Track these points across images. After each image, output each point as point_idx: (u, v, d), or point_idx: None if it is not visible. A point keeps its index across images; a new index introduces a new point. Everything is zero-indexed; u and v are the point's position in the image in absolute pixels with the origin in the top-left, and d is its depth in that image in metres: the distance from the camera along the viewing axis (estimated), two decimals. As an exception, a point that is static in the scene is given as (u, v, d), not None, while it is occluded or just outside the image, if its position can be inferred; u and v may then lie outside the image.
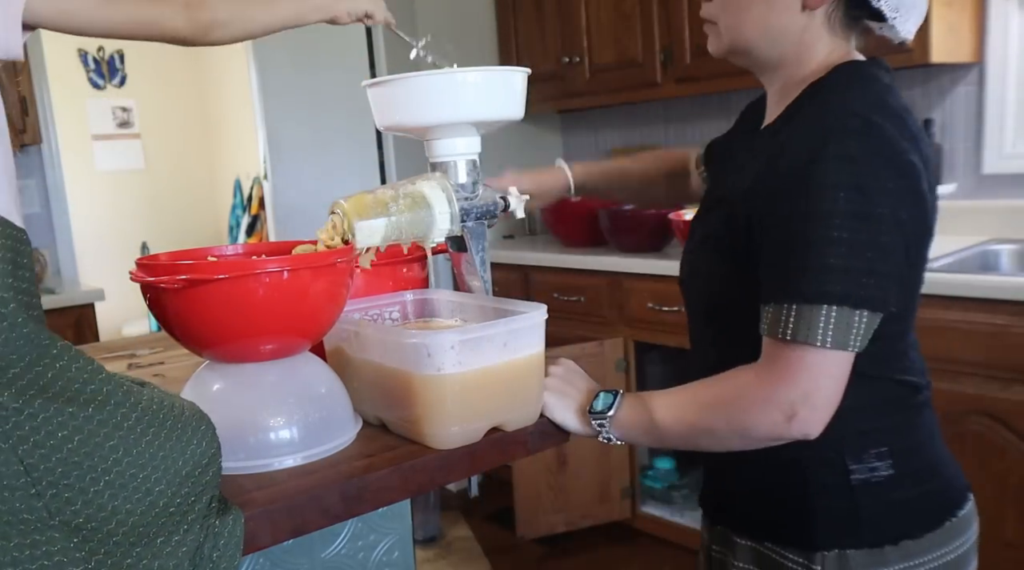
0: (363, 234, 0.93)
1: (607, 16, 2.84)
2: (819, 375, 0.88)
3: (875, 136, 0.88)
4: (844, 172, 0.86)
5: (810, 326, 0.86)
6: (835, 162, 0.87)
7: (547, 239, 3.27)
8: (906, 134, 0.91)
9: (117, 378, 0.72)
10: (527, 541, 2.69)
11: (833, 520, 0.96)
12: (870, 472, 0.96)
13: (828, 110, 0.92)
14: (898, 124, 0.91)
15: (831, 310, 0.86)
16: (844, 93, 0.94)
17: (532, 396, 0.99)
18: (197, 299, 0.85)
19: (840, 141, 0.88)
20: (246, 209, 5.15)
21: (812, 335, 0.86)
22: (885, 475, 0.96)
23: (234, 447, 0.88)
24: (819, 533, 0.96)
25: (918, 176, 0.90)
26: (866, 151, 0.87)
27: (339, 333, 1.01)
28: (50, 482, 0.65)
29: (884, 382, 0.97)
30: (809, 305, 0.86)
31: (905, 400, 0.99)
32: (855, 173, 0.86)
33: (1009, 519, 1.81)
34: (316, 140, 3.34)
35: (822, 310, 0.86)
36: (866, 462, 0.96)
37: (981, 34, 2.28)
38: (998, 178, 2.33)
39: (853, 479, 0.96)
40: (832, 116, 0.91)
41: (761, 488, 1.02)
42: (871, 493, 0.96)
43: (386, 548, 1.08)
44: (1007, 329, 1.77)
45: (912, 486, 0.97)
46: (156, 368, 1.33)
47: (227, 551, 0.76)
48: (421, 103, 1.01)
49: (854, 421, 0.94)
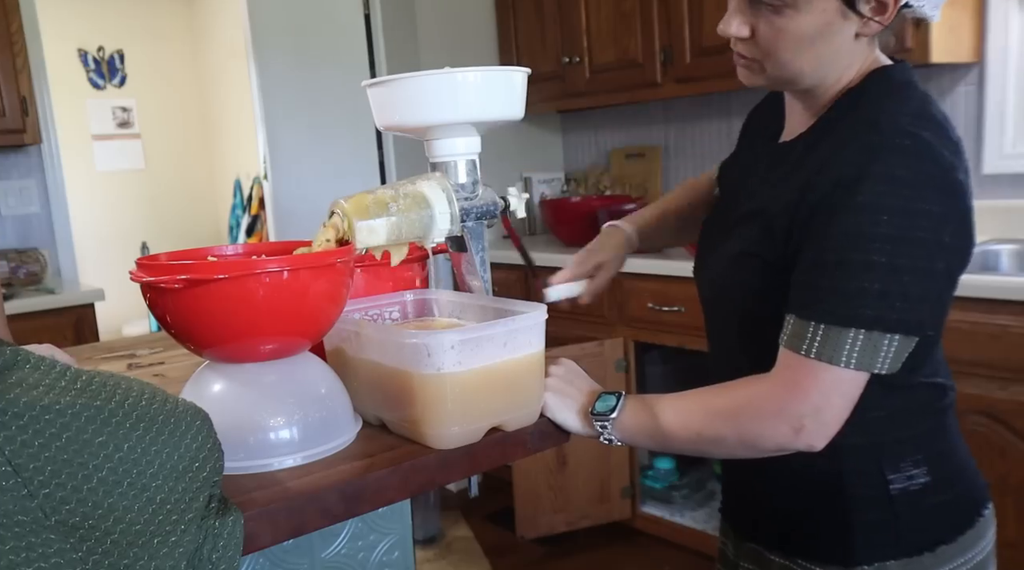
0: (363, 234, 0.93)
1: (607, 16, 2.84)
2: (833, 392, 0.86)
3: (925, 157, 0.86)
4: (890, 194, 0.84)
5: (836, 347, 0.85)
6: (882, 183, 0.84)
7: (547, 239, 3.27)
8: (950, 146, 0.88)
9: (102, 375, 0.72)
10: (527, 541, 2.69)
11: (873, 533, 0.95)
12: (908, 481, 0.95)
13: (875, 125, 0.89)
14: (943, 137, 0.88)
15: (859, 333, 0.84)
16: (888, 105, 0.91)
17: (532, 396, 0.99)
18: (197, 299, 0.85)
19: (888, 160, 0.85)
20: (246, 209, 5.14)
21: (836, 356, 0.85)
22: (922, 482, 0.95)
23: (234, 447, 0.88)
24: (858, 547, 0.95)
25: (964, 194, 0.88)
26: (915, 172, 0.85)
27: (339, 333, 1.01)
28: (41, 482, 0.64)
29: (916, 388, 0.96)
30: (838, 327, 0.85)
31: (935, 404, 0.99)
32: (901, 195, 0.84)
33: (1009, 519, 1.81)
34: (316, 140, 3.33)
35: (850, 333, 0.85)
36: (904, 471, 0.95)
37: (981, 34, 2.28)
38: (998, 178, 2.33)
39: (892, 490, 0.95)
40: (880, 133, 0.88)
41: (796, 504, 1.01)
42: (909, 502, 0.95)
43: (386, 548, 1.08)
44: (1007, 329, 1.77)
45: (946, 490, 0.97)
46: (156, 368, 1.33)
47: (226, 553, 0.76)
48: (421, 103, 1.01)
49: (891, 430, 0.94)
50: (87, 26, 5.16)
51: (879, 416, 0.92)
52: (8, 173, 3.10)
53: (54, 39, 4.67)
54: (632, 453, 2.68)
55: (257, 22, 3.33)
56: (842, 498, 0.96)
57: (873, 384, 0.89)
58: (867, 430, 0.94)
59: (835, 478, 0.96)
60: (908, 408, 0.96)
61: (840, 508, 0.96)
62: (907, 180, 0.84)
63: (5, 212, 3.11)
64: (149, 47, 5.40)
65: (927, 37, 2.07)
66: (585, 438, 1.01)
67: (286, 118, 3.38)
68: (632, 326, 2.60)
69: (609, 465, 2.67)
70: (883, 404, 0.91)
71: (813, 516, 0.99)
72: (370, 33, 3.05)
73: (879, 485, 0.95)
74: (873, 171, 0.85)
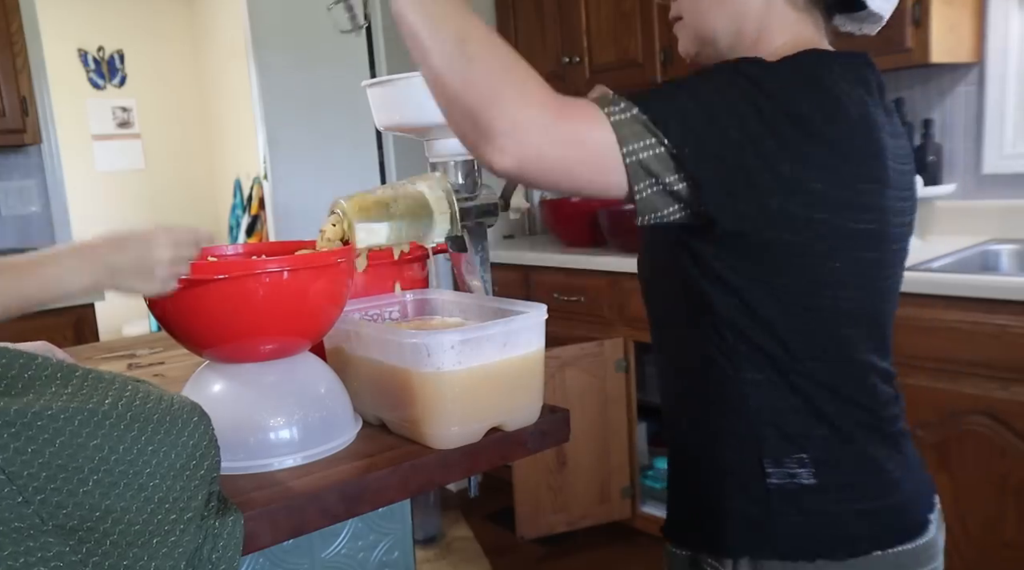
0: (363, 234, 0.93)
1: (607, 16, 2.84)
2: (568, 129, 0.79)
3: (809, 63, 0.85)
4: (763, 73, 0.83)
5: (613, 104, 0.81)
6: (756, 65, 0.84)
7: (547, 239, 3.27)
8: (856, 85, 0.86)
9: (95, 375, 0.71)
10: (527, 541, 2.69)
11: (746, 525, 0.92)
12: (788, 478, 0.90)
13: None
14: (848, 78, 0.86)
15: (633, 107, 0.80)
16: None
17: (532, 396, 0.99)
18: (197, 299, 0.85)
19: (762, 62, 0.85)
20: (246, 209, 5.14)
21: (606, 105, 0.80)
22: (803, 484, 0.90)
23: (234, 447, 0.88)
24: (729, 536, 0.93)
25: (849, 102, 0.84)
26: (791, 72, 0.84)
27: (339, 333, 1.01)
28: (36, 488, 0.64)
29: (804, 390, 0.90)
30: (626, 99, 0.82)
31: (850, 420, 0.92)
32: (775, 78, 0.83)
33: (1009, 519, 1.81)
34: (316, 140, 3.33)
35: (634, 110, 0.81)
36: (786, 467, 0.90)
37: (981, 34, 2.28)
38: (998, 178, 2.33)
39: (769, 483, 0.90)
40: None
41: (688, 492, 1.00)
42: (786, 500, 0.90)
43: (386, 548, 1.08)
44: (1007, 329, 1.77)
45: (835, 503, 0.91)
46: (156, 368, 1.33)
47: (226, 553, 0.76)
48: (421, 103, 1.01)
49: (775, 424, 0.90)
50: (87, 26, 5.16)
51: (763, 405, 0.89)
52: (8, 173, 3.10)
53: (54, 39, 4.66)
54: (632, 453, 2.68)
55: (257, 22, 3.33)
56: (721, 485, 0.94)
57: (758, 368, 0.88)
58: (749, 420, 0.90)
59: (719, 463, 0.94)
60: (794, 408, 0.90)
61: (717, 495, 0.94)
62: (781, 73, 0.83)
63: (5, 212, 3.11)
64: (149, 47, 5.40)
65: (927, 37, 2.07)
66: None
67: (286, 118, 3.38)
68: (632, 326, 2.60)
69: (609, 465, 2.67)
70: (767, 397, 0.88)
71: (696, 503, 0.97)
72: (370, 33, 3.06)
73: (757, 476, 0.91)
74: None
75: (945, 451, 1.88)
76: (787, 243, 0.84)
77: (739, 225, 0.83)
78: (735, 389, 0.90)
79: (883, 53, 2.12)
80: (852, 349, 0.90)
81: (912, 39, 2.08)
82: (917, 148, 2.37)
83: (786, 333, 0.87)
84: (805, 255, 0.85)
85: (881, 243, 0.89)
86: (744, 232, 0.83)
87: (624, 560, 2.65)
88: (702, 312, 0.90)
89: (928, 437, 1.89)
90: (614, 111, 0.80)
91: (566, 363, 2.56)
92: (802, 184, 0.82)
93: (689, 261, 0.89)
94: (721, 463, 0.93)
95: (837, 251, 0.86)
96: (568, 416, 1.04)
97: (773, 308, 0.87)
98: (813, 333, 0.88)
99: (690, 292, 0.91)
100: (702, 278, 0.88)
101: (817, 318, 0.87)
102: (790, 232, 0.84)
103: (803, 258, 0.85)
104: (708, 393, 0.93)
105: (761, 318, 0.87)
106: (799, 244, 0.85)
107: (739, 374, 0.90)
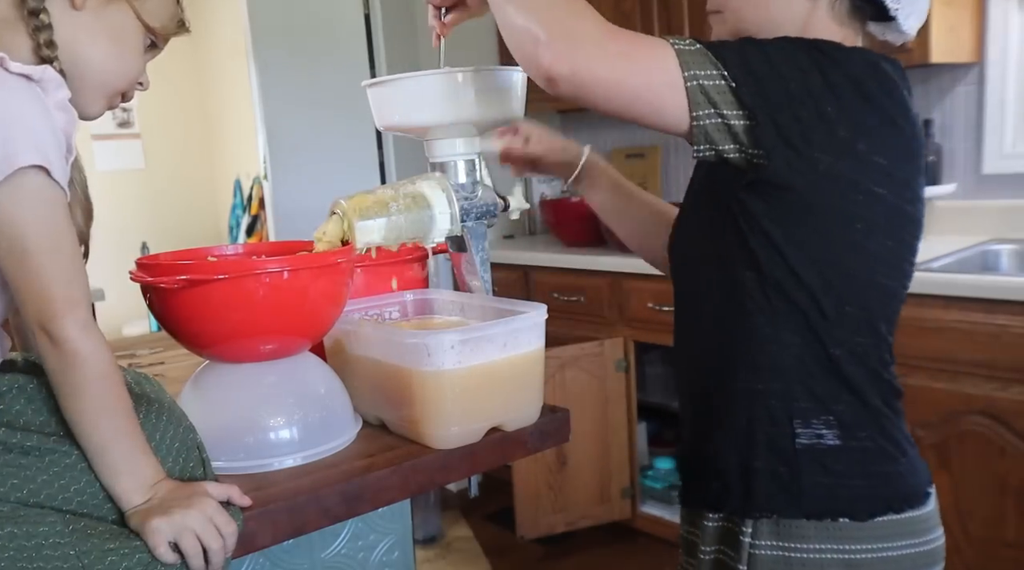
0: (363, 234, 0.93)
1: (607, 16, 2.83)
2: (619, 44, 0.85)
3: (841, 48, 0.88)
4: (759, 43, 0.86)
5: (678, 39, 0.85)
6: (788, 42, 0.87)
7: (547, 239, 3.27)
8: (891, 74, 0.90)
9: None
10: (527, 541, 2.69)
11: (775, 484, 0.95)
12: (816, 439, 0.94)
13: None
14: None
15: (697, 43, 0.86)
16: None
17: (532, 396, 0.99)
18: (197, 299, 0.85)
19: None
20: (246, 209, 5.14)
21: (670, 38, 0.85)
22: (830, 445, 0.94)
23: (234, 447, 0.88)
24: (758, 495, 0.95)
25: (888, 96, 0.89)
26: (828, 47, 0.87)
27: (339, 333, 1.01)
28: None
29: (838, 359, 0.93)
30: (699, 41, 0.87)
31: (860, 382, 0.95)
32: (828, 45, 0.86)
33: (1009, 519, 1.81)
34: (316, 140, 3.33)
35: (695, 42, 0.86)
36: (814, 427, 0.94)
37: (981, 34, 2.28)
38: (998, 178, 2.33)
39: (798, 443, 0.94)
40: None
41: (714, 454, 1.01)
42: (814, 459, 0.94)
43: (386, 548, 1.08)
44: (1007, 329, 1.77)
45: (858, 465, 0.94)
46: (156, 368, 1.33)
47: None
48: (421, 103, 1.01)
49: (805, 383, 0.93)
50: (87, 26, 5.15)
51: (796, 366, 0.92)
52: (8, 173, 3.10)
53: (54, 39, 4.65)
54: (632, 453, 2.68)
55: (257, 22, 3.33)
56: (751, 445, 0.96)
57: (795, 329, 0.91)
58: (784, 379, 0.94)
59: (750, 424, 0.96)
60: (826, 371, 0.93)
61: (746, 455, 0.96)
62: (845, 50, 0.87)
63: (5, 212, 3.10)
64: (149, 47, 5.40)
65: (927, 37, 2.07)
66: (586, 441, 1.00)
67: (286, 118, 3.38)
68: (632, 326, 2.60)
69: (609, 465, 2.67)
70: (802, 358, 0.92)
71: (722, 465, 0.99)
72: (370, 33, 3.05)
73: (786, 436, 0.94)
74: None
75: (945, 451, 1.88)
76: (835, 208, 0.88)
77: (788, 177, 0.86)
78: (773, 349, 0.94)
79: (883, 53, 2.12)
80: (876, 323, 0.95)
81: (912, 39, 2.08)
82: (917, 148, 2.37)
83: (823, 297, 0.91)
84: (852, 223, 0.89)
85: (918, 229, 0.95)
86: (794, 187, 0.87)
87: (624, 560, 2.65)
88: (746, 271, 0.93)
89: (928, 437, 1.89)
90: (678, 42, 0.85)
91: (566, 363, 2.56)
92: (859, 153, 0.86)
93: (741, 218, 0.91)
94: (752, 423, 0.96)
95: (889, 228, 0.91)
96: (568, 416, 1.04)
97: (813, 270, 0.90)
98: (847, 301, 0.92)
99: (735, 252, 0.93)
100: (751, 235, 0.91)
101: (853, 286, 0.91)
102: (838, 196, 0.87)
103: (849, 226, 0.89)
104: (744, 354, 0.96)
105: (802, 279, 0.90)
106: (847, 212, 0.88)
107: (778, 334, 0.93)
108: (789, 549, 0.94)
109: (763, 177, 0.87)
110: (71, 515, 0.70)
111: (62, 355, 0.71)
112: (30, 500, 0.70)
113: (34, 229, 0.70)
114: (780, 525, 0.94)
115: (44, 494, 0.70)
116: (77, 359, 0.71)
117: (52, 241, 0.71)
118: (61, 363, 0.71)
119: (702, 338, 1.03)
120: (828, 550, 0.93)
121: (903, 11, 0.96)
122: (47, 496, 0.70)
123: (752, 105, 0.83)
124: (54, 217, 0.72)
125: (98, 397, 0.72)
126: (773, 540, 0.94)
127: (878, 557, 0.93)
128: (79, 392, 0.71)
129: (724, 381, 0.98)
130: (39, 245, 0.70)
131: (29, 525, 0.67)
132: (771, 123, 0.84)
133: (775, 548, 0.94)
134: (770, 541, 0.94)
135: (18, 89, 0.71)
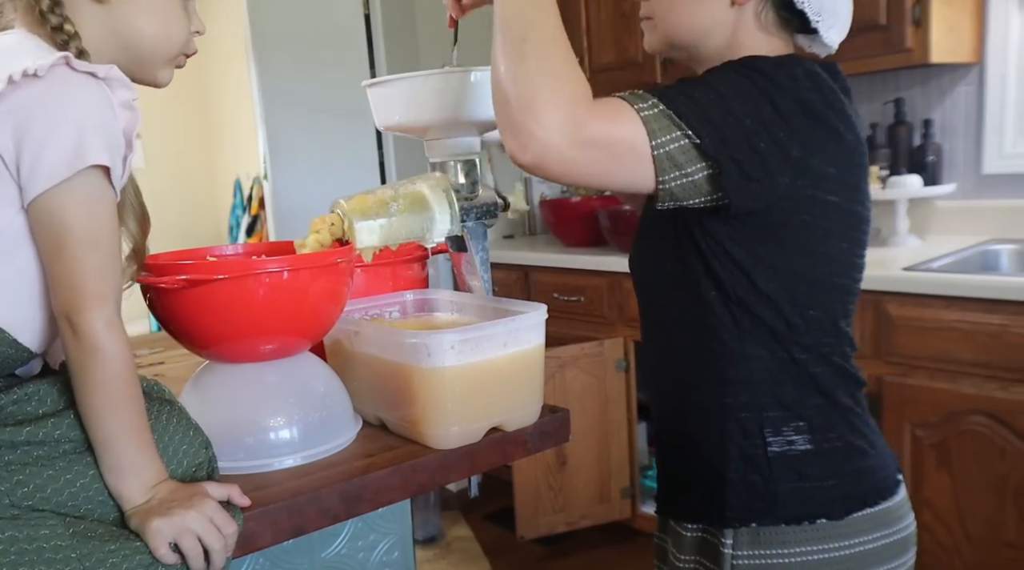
0: (363, 234, 0.93)
1: (607, 16, 2.84)
2: (589, 132, 0.84)
3: (781, 61, 0.91)
4: (746, 71, 0.90)
5: (642, 100, 0.87)
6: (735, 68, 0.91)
7: (547, 239, 3.27)
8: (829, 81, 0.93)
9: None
10: (527, 541, 2.69)
11: (748, 493, 0.97)
12: (787, 446, 0.96)
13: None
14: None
15: (660, 104, 0.87)
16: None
17: (532, 396, 0.99)
18: (197, 299, 0.85)
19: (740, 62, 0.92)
20: (246, 209, 5.14)
21: (636, 102, 0.87)
22: (802, 450, 0.96)
23: (234, 447, 0.88)
24: (731, 506, 0.97)
25: (833, 104, 0.91)
26: (769, 66, 0.90)
27: (339, 332, 1.01)
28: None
29: (803, 362, 0.96)
30: (652, 96, 0.88)
31: (826, 383, 0.97)
32: (758, 73, 0.89)
33: (1009, 519, 1.81)
34: (316, 140, 3.33)
35: (657, 102, 0.87)
36: (784, 435, 0.96)
37: (981, 34, 2.28)
38: (998, 178, 2.33)
39: (770, 452, 0.96)
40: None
41: (687, 467, 1.03)
42: (787, 467, 0.96)
43: (386, 548, 1.08)
44: (1007, 329, 1.77)
45: (829, 465, 0.96)
46: (156, 368, 1.33)
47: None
48: (421, 103, 1.01)
49: (775, 394, 0.95)
50: (87, 26, 5.16)
51: (764, 377, 0.94)
52: (8, 173, 3.10)
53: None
54: (632, 453, 2.68)
55: (257, 22, 3.33)
56: (723, 457, 0.98)
57: (761, 342, 0.94)
58: (752, 392, 0.96)
59: (721, 437, 0.98)
60: (793, 377, 0.96)
61: (719, 467, 0.98)
62: (786, 67, 0.90)
63: (5, 212, 3.10)
64: (149, 47, 5.40)
65: (927, 37, 2.07)
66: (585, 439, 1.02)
67: (286, 118, 3.38)
68: (632, 326, 2.60)
69: (609, 465, 2.67)
70: (769, 369, 0.94)
71: (696, 477, 1.01)
72: (370, 33, 3.05)
73: (758, 446, 0.96)
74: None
75: (945, 451, 1.88)
76: (795, 222, 0.91)
77: (751, 205, 0.89)
78: (739, 363, 0.96)
79: (883, 53, 2.13)
80: (838, 320, 0.97)
81: (912, 39, 2.08)
82: (917, 148, 2.37)
83: (787, 307, 0.93)
84: (812, 233, 0.92)
85: (866, 224, 0.98)
86: (754, 211, 0.90)
87: (624, 560, 2.65)
88: (709, 291, 0.95)
89: (928, 437, 1.89)
90: (643, 108, 0.87)
91: (566, 363, 2.56)
92: (812, 169, 0.89)
93: (701, 240, 0.94)
94: (723, 436, 0.98)
95: (843, 230, 0.95)
96: (568, 416, 1.04)
97: (777, 283, 0.93)
98: (811, 306, 0.94)
99: (698, 273, 0.95)
100: (713, 257, 0.94)
101: (815, 292, 0.94)
102: (797, 212, 0.91)
103: (810, 236, 0.92)
104: (711, 369, 0.98)
105: (765, 294, 0.93)
106: (807, 223, 0.91)
107: (744, 348, 0.95)
108: (770, 556, 0.95)
109: (727, 210, 0.90)
110: (72, 518, 0.70)
111: (83, 347, 0.71)
112: (36, 495, 0.70)
113: (78, 222, 0.71)
114: (759, 533, 0.95)
115: (50, 489, 0.70)
116: (97, 354, 0.71)
117: (92, 234, 0.72)
118: (81, 355, 0.71)
119: (670, 355, 1.05)
120: (809, 552, 0.95)
121: (824, 23, 0.97)
122: (53, 491, 0.70)
123: (715, 154, 0.86)
124: (100, 212, 0.73)
125: (113, 393, 0.72)
126: (754, 549, 0.96)
127: (856, 552, 0.95)
128: (95, 386, 0.72)
129: (693, 397, 1.01)
130: (79, 237, 0.71)
131: (30, 528, 0.67)
132: (733, 164, 0.86)
133: (756, 557, 0.95)
134: (751, 550, 0.96)
135: (87, 87, 0.72)
